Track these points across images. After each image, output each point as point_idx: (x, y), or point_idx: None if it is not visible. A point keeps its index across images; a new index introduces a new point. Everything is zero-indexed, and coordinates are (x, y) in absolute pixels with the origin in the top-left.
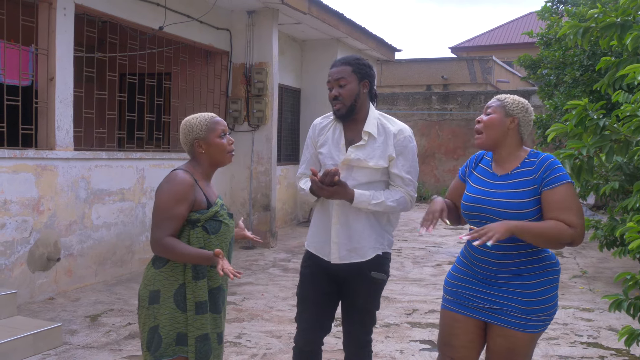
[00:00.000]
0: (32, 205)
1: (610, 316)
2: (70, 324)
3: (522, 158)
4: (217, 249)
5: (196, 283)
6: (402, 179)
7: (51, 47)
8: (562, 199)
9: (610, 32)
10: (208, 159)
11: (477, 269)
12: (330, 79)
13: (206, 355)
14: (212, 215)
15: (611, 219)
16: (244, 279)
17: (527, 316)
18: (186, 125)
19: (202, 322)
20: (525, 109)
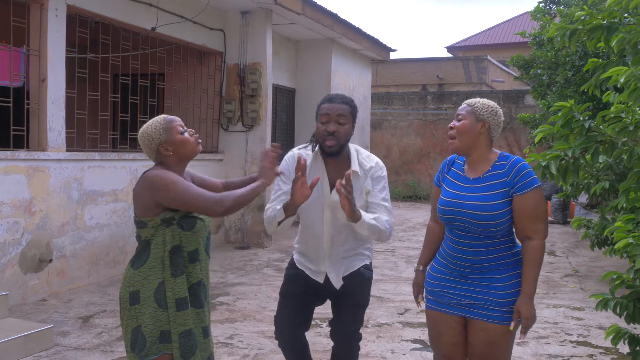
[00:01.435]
0: (23, 206)
1: (600, 315)
2: (62, 326)
3: (492, 161)
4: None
5: (175, 280)
6: (385, 208)
7: (43, 47)
8: (532, 205)
9: (597, 34)
10: (177, 158)
11: (454, 266)
12: (330, 112)
13: (191, 350)
14: (186, 212)
15: (602, 218)
16: (237, 279)
17: (504, 308)
18: (144, 136)
19: (183, 319)
20: (495, 113)
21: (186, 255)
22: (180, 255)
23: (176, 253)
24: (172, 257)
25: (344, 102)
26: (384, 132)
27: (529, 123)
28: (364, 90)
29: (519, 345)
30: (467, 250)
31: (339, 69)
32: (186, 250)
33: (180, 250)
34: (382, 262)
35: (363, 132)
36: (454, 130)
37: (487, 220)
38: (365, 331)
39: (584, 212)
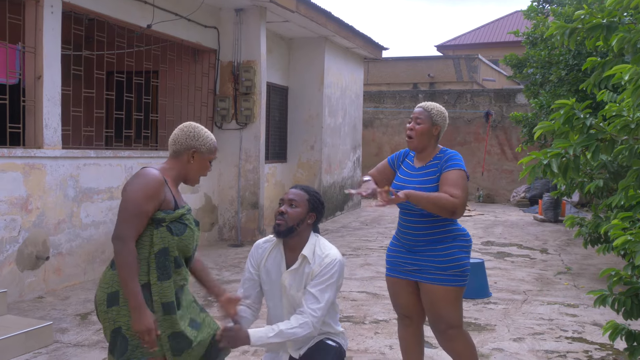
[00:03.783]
0: (20, 204)
1: (595, 312)
2: (61, 323)
3: (435, 153)
4: (154, 319)
5: (162, 284)
6: (313, 296)
7: (38, 45)
8: (452, 177)
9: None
10: (186, 171)
11: (404, 240)
12: (285, 197)
13: (182, 347)
14: (178, 216)
15: (595, 216)
16: (233, 276)
17: (443, 272)
18: (194, 131)
19: (171, 322)
20: (445, 118)
21: (172, 260)
22: (168, 259)
23: (163, 256)
24: (158, 260)
25: (303, 190)
26: (376, 130)
27: (521, 122)
28: (357, 88)
29: (515, 341)
30: (412, 226)
31: (332, 67)
32: (172, 255)
33: (167, 254)
34: (376, 259)
35: (355, 130)
36: (413, 132)
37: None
38: (362, 327)
39: (575, 210)
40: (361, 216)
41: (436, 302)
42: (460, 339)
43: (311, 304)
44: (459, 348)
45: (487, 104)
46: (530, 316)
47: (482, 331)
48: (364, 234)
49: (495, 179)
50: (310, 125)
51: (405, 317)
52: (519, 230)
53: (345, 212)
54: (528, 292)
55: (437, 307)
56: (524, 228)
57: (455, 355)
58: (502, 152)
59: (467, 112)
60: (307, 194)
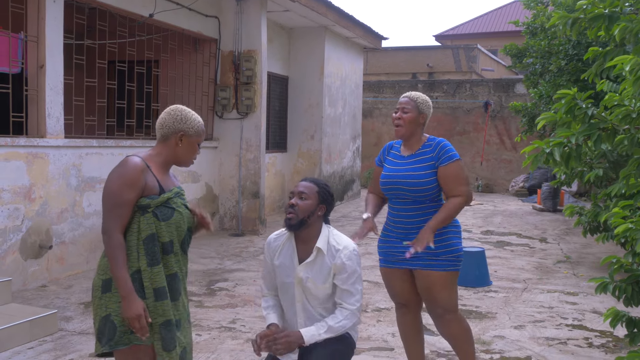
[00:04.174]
0: (23, 193)
1: (594, 299)
2: (65, 311)
3: (423, 142)
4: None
5: (152, 269)
6: (347, 291)
7: (41, 34)
8: (453, 173)
9: (598, 23)
10: (175, 154)
11: (396, 229)
12: (295, 189)
13: (172, 341)
14: (163, 201)
15: (595, 205)
16: (235, 265)
17: (437, 257)
18: (181, 115)
19: (164, 309)
20: (429, 106)
21: (160, 246)
22: (155, 244)
23: (151, 242)
24: (146, 246)
25: (312, 182)
26: (375, 120)
27: (520, 112)
28: (356, 78)
29: (516, 328)
30: (404, 214)
31: (332, 57)
32: (160, 241)
33: (155, 240)
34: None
35: (355, 120)
36: (400, 120)
37: (418, 186)
38: (365, 316)
39: (573, 199)
40: (361, 206)
41: (431, 287)
42: (456, 323)
43: (348, 298)
44: (455, 332)
45: (486, 93)
46: (530, 304)
47: (484, 319)
48: None
49: (494, 169)
50: (310, 114)
51: (402, 305)
52: (518, 219)
53: (345, 201)
54: (528, 280)
55: (433, 292)
56: (523, 217)
57: (452, 339)
58: (501, 142)
59: (466, 102)
60: (316, 186)
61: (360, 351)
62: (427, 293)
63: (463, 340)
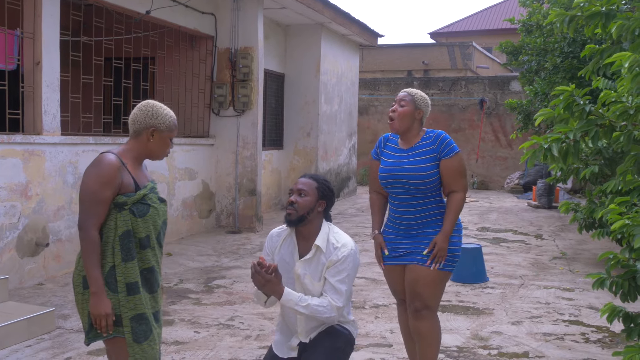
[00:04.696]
0: (20, 190)
1: (590, 295)
2: (62, 309)
3: (422, 135)
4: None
5: (126, 265)
6: (333, 286)
7: (37, 31)
8: (456, 166)
9: (595, 20)
10: (147, 149)
11: (398, 225)
12: (294, 187)
13: (144, 334)
14: (139, 198)
15: (590, 202)
16: (232, 262)
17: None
18: (152, 110)
19: (134, 303)
20: (427, 104)
21: (137, 241)
22: (131, 240)
23: (127, 238)
24: (122, 242)
25: (311, 178)
26: (371, 117)
27: (516, 109)
28: (352, 75)
29: (513, 324)
30: (405, 210)
31: (328, 54)
32: (137, 237)
33: (130, 236)
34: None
35: (351, 117)
36: (395, 114)
37: (419, 179)
38: (363, 312)
39: (568, 196)
40: (357, 203)
41: (418, 280)
42: (430, 321)
43: (333, 294)
44: (425, 329)
45: (481, 91)
46: (527, 300)
47: (481, 315)
48: (360, 221)
49: (489, 166)
50: (306, 112)
51: (403, 301)
52: (513, 216)
53: (342, 199)
54: (524, 276)
55: (417, 286)
56: (519, 214)
57: (420, 337)
58: (496, 139)
59: (462, 99)
60: (315, 182)
61: (359, 347)
62: (411, 285)
63: (430, 342)
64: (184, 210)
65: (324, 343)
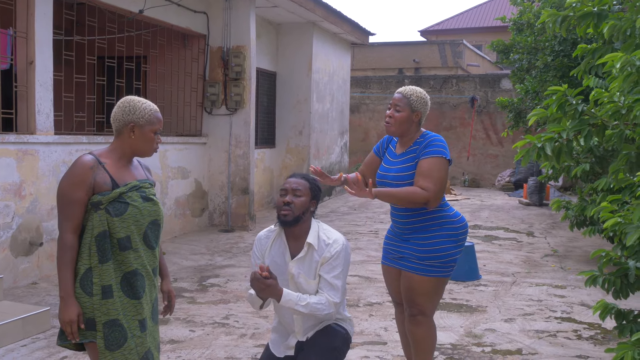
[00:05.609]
0: (14, 190)
1: (582, 292)
2: (56, 308)
3: (415, 138)
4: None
5: (102, 266)
6: (329, 283)
7: (30, 30)
8: (427, 167)
9: (587, 20)
10: (132, 146)
11: (394, 228)
12: (287, 187)
13: (117, 342)
14: (115, 196)
15: (581, 199)
16: (226, 261)
17: (421, 262)
18: (129, 105)
19: (108, 307)
20: (425, 103)
21: (115, 242)
22: (107, 241)
23: (103, 239)
24: (98, 243)
25: (303, 178)
26: (362, 115)
27: (507, 107)
28: (344, 73)
29: (506, 321)
30: (399, 214)
31: (320, 53)
32: (115, 237)
33: (106, 237)
34: (366, 243)
35: (342, 115)
36: (392, 119)
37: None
38: (357, 310)
39: (559, 194)
40: (349, 201)
41: (412, 289)
42: (425, 327)
43: (329, 290)
44: (421, 335)
45: (472, 89)
46: (519, 297)
47: (474, 312)
48: (352, 219)
49: (480, 164)
50: (298, 110)
51: (398, 304)
52: (504, 214)
53: (334, 197)
54: (516, 274)
55: (412, 294)
56: (510, 212)
57: (415, 341)
58: (487, 137)
59: (453, 97)
60: (307, 182)
61: (354, 345)
62: (407, 292)
63: (425, 346)
64: (176, 209)
65: (321, 342)
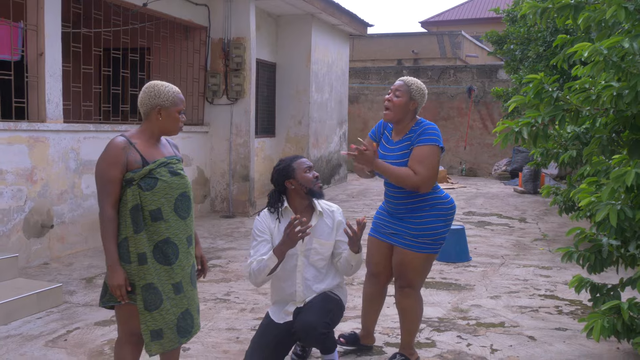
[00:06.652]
0: (26, 175)
1: (567, 273)
2: (68, 286)
3: (411, 126)
4: (124, 280)
5: (136, 236)
6: (343, 241)
7: (40, 23)
8: (420, 153)
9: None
10: (160, 127)
11: (389, 207)
12: (310, 164)
13: (154, 303)
14: (146, 173)
15: (570, 185)
16: (227, 244)
17: (414, 239)
18: (154, 90)
19: (144, 273)
20: (423, 95)
21: (147, 214)
22: (139, 213)
23: (136, 212)
24: (132, 215)
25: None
26: (361, 105)
27: (502, 97)
28: (343, 64)
29: (492, 298)
30: (394, 195)
31: (319, 44)
32: (147, 210)
33: (139, 210)
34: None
35: (341, 106)
36: (390, 103)
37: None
38: (351, 288)
39: (554, 182)
40: (347, 189)
41: (404, 264)
42: (413, 298)
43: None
44: (408, 306)
45: (469, 79)
46: (506, 277)
47: (462, 290)
48: (350, 206)
49: (477, 153)
50: (297, 100)
51: (374, 275)
52: (499, 201)
53: (332, 185)
54: (506, 256)
55: (404, 268)
56: (505, 199)
57: (403, 312)
58: (484, 126)
59: (451, 88)
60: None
61: (347, 319)
62: (398, 267)
63: (411, 317)
64: None
65: (318, 304)
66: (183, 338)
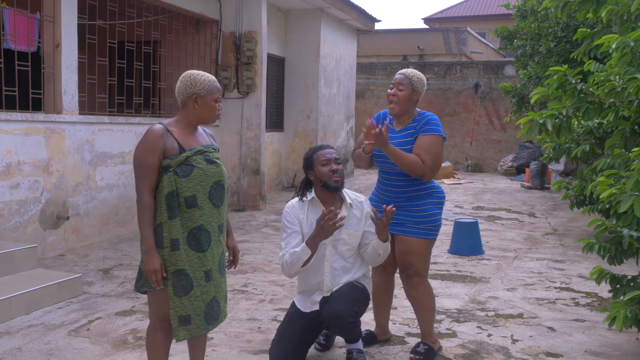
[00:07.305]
0: (42, 166)
1: (580, 266)
2: (85, 277)
3: (413, 116)
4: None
5: (170, 222)
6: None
7: (57, 14)
8: (427, 142)
9: (587, 5)
10: (197, 115)
11: (384, 197)
12: (329, 157)
13: (184, 289)
14: (182, 160)
15: (581, 180)
16: (240, 237)
17: (417, 226)
18: (190, 79)
19: (176, 259)
20: (424, 84)
21: (182, 200)
22: (174, 200)
23: (171, 198)
24: (167, 201)
25: (332, 148)
26: (367, 101)
27: (510, 92)
28: (350, 59)
29: (508, 290)
30: (392, 184)
31: (328, 39)
32: (182, 196)
33: (174, 196)
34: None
35: (349, 101)
36: (395, 97)
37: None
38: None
39: (561, 178)
40: (354, 184)
41: (409, 251)
42: (422, 287)
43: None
44: (420, 295)
45: (476, 75)
46: (521, 270)
47: (478, 282)
48: None
49: (483, 149)
50: (306, 95)
51: (381, 265)
52: (507, 196)
53: None
54: (518, 250)
55: (409, 256)
56: (512, 194)
57: (415, 302)
58: (490, 122)
59: (457, 84)
60: (334, 150)
61: None
62: (403, 256)
63: (425, 305)
64: None
65: (345, 293)
66: (210, 325)
